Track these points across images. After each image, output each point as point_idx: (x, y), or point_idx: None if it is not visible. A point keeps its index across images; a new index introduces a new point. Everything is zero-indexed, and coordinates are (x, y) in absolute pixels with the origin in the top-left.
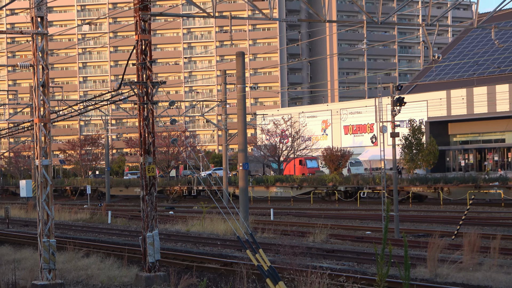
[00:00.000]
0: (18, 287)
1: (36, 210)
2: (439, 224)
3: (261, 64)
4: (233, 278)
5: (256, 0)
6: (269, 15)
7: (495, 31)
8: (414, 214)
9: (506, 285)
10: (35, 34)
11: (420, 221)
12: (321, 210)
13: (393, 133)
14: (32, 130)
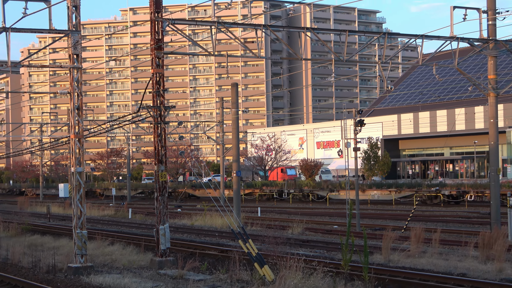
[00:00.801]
0: (57, 269)
1: (72, 208)
2: (392, 220)
3: (251, 92)
4: (228, 262)
5: (247, 42)
6: (257, 54)
7: (436, 68)
8: (372, 212)
9: (445, 269)
10: (72, 68)
11: (376, 217)
12: (298, 209)
13: (355, 148)
14: (69, 144)
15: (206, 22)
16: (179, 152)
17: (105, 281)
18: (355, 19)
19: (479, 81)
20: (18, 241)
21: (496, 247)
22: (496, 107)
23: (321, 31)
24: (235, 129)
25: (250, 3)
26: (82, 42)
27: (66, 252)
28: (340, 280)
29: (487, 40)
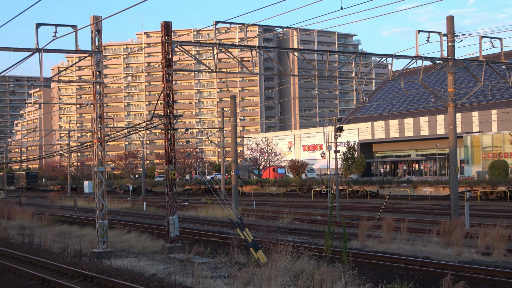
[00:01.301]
0: (82, 253)
1: (95, 201)
2: (367, 212)
3: (247, 103)
4: (227, 247)
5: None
6: (252, 71)
7: (403, 82)
8: (350, 205)
9: (412, 252)
10: (95, 83)
11: (354, 209)
12: (288, 202)
13: (336, 150)
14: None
15: (209, 44)
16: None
17: (123, 263)
18: (335, 41)
19: (440, 93)
20: (49, 230)
21: (455, 234)
22: (455, 115)
23: (306, 51)
24: (233, 135)
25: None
26: (103, 61)
27: (90, 239)
28: (323, 262)
29: (447, 59)
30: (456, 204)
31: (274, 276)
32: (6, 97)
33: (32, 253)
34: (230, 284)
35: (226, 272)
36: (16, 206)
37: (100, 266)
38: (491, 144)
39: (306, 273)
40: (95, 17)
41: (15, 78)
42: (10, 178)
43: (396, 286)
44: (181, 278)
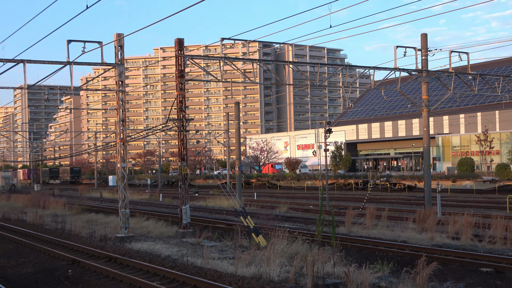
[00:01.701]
0: (107, 238)
1: (118, 193)
2: (352, 202)
3: (249, 109)
4: (232, 233)
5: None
6: (253, 80)
7: (384, 91)
8: (338, 196)
9: (391, 237)
10: (118, 91)
11: (341, 199)
12: (284, 194)
13: (325, 149)
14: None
15: (216, 57)
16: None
17: (142, 246)
18: (324, 55)
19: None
20: (79, 218)
21: (428, 221)
22: (428, 119)
23: (300, 64)
24: (237, 136)
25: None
26: (125, 72)
27: (114, 226)
28: (314, 246)
29: (421, 71)
30: (429, 196)
31: (272, 257)
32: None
33: (64, 238)
34: (235, 264)
35: (231, 254)
36: (50, 197)
37: (123, 249)
38: (459, 144)
39: (300, 255)
40: (118, 35)
41: (49, 87)
42: (55, 172)
43: (378, 266)
44: (192, 259)
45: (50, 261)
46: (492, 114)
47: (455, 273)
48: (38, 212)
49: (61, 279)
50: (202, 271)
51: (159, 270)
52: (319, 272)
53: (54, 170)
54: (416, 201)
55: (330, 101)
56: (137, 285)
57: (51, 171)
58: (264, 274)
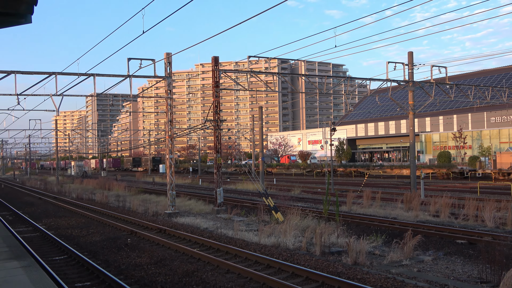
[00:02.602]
0: (158, 214)
1: (167, 178)
2: (352, 186)
3: (270, 112)
4: (256, 210)
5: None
6: (273, 89)
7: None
8: (341, 181)
9: (384, 214)
10: (167, 98)
11: (344, 184)
12: (297, 179)
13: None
14: (165, 142)
15: (244, 71)
16: (228, 146)
17: (186, 221)
18: (330, 69)
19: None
20: (136, 198)
21: (414, 202)
22: (413, 120)
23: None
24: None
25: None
26: (173, 83)
27: (163, 204)
28: (322, 221)
29: (408, 81)
30: (414, 181)
31: (288, 230)
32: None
33: (124, 213)
34: (258, 235)
35: (255, 227)
36: (113, 181)
37: (170, 222)
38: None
39: (310, 228)
40: (167, 54)
41: (113, 95)
42: (138, 161)
43: (373, 237)
44: (225, 231)
45: (113, 231)
46: (465, 116)
47: (436, 244)
48: (104, 193)
49: (122, 246)
50: (232, 241)
51: (198, 239)
52: (326, 242)
53: (137, 160)
54: (403, 186)
55: (334, 106)
56: (182, 251)
57: (134, 160)
58: (281, 243)
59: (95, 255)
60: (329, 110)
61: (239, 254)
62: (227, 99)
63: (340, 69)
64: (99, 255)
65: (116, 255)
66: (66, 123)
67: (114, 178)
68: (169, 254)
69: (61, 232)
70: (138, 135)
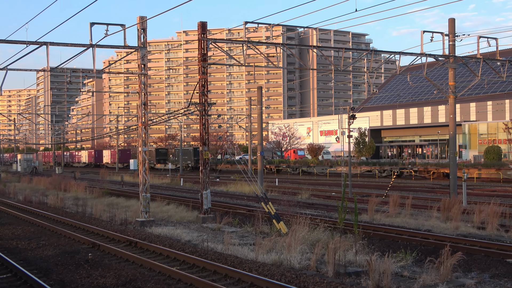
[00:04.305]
0: (127, 222)
1: (139, 177)
2: (375, 189)
3: (271, 93)
4: (253, 219)
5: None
6: (276, 65)
7: (409, 76)
8: (361, 183)
9: (415, 226)
10: (140, 74)
11: (364, 187)
12: (306, 180)
13: (349, 135)
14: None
15: (239, 41)
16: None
17: (163, 231)
18: (349, 40)
19: (442, 86)
20: (99, 201)
21: (453, 210)
22: (455, 106)
23: (324, 48)
24: (259, 121)
25: (272, 28)
26: (147, 55)
27: (135, 210)
28: (336, 233)
29: (448, 56)
30: (454, 184)
31: (293, 244)
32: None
33: (84, 221)
34: (255, 250)
35: (251, 240)
36: (71, 180)
37: (143, 233)
38: (486, 132)
39: (321, 242)
40: (141, 17)
41: (72, 70)
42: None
43: (401, 255)
44: (213, 244)
45: (71, 244)
46: None
47: (480, 263)
48: (59, 195)
49: (81, 263)
50: (222, 257)
51: (179, 255)
52: (341, 260)
53: (162, 152)
54: (441, 190)
55: (354, 86)
56: (157, 270)
57: (159, 152)
58: (284, 261)
59: (47, 274)
60: (347, 92)
61: (230, 274)
62: (217, 77)
63: (362, 39)
64: (52, 273)
65: (73, 274)
66: (11, 105)
67: (72, 176)
68: (141, 274)
69: (3, 244)
70: (103, 122)
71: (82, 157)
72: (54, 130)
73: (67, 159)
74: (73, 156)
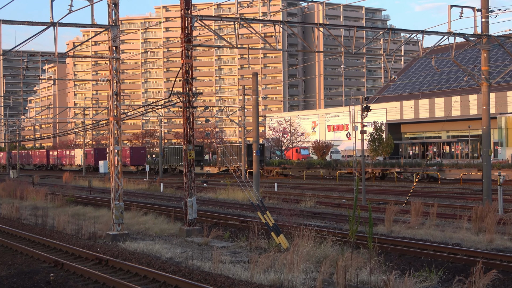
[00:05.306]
0: (97, 236)
1: (110, 182)
2: (394, 195)
3: (269, 81)
4: (247, 231)
5: (266, 36)
6: (275, 47)
7: (434, 60)
8: (376, 188)
9: (441, 239)
10: (111, 58)
11: (380, 193)
12: (311, 185)
13: (362, 131)
14: (108, 126)
15: (230, 18)
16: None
17: (139, 247)
18: (362, 16)
19: (473, 72)
20: (63, 211)
21: (487, 220)
22: (489, 95)
23: (332, 27)
24: (255, 114)
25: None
26: (120, 36)
27: (105, 221)
28: (347, 248)
29: (481, 36)
30: (489, 189)
31: (296, 261)
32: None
33: (45, 235)
34: (250, 269)
35: (246, 257)
36: (28, 186)
37: (115, 249)
38: None
39: (329, 259)
40: None
41: (29, 53)
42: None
43: (424, 273)
44: (199, 262)
45: (29, 262)
46: None
47: None
48: (14, 204)
49: (41, 285)
50: (210, 277)
51: (159, 275)
52: (353, 281)
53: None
54: (472, 195)
55: (368, 72)
56: None
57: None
58: (285, 281)
59: None
60: (360, 80)
61: None
62: (204, 62)
63: (378, 16)
64: None
65: None
66: None
67: (30, 180)
68: None
69: None
70: (66, 115)
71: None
72: (8, 126)
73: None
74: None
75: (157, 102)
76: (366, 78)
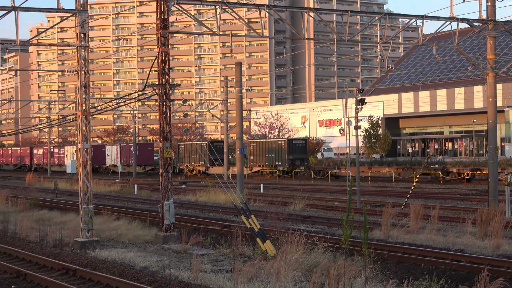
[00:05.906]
0: (63, 243)
1: (78, 183)
2: (392, 197)
3: (254, 71)
4: (231, 237)
5: (251, 22)
6: (261, 34)
7: (436, 48)
8: (372, 189)
9: (443, 244)
10: (79, 46)
11: (376, 194)
12: (300, 185)
13: (356, 126)
14: (76, 121)
15: (211, 2)
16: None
17: (111, 255)
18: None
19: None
20: (26, 216)
21: (493, 223)
22: (495, 86)
23: (324, 11)
24: (239, 107)
25: None
26: (89, 22)
27: (73, 227)
28: (340, 255)
29: (486, 21)
30: (495, 189)
31: (284, 270)
32: None
33: (6, 243)
34: (233, 279)
35: (228, 266)
36: None
37: (84, 258)
38: None
39: (320, 267)
40: None
41: None
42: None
43: (425, 282)
44: (177, 272)
45: None
46: None
47: None
48: None
49: None
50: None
51: (132, 286)
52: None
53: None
54: (477, 197)
55: (363, 61)
56: None
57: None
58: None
59: None
60: (355, 70)
61: None
62: (183, 50)
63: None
64: None
65: None
66: None
67: None
68: None
69: None
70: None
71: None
72: None
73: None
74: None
75: (130, 94)
76: (361, 68)
